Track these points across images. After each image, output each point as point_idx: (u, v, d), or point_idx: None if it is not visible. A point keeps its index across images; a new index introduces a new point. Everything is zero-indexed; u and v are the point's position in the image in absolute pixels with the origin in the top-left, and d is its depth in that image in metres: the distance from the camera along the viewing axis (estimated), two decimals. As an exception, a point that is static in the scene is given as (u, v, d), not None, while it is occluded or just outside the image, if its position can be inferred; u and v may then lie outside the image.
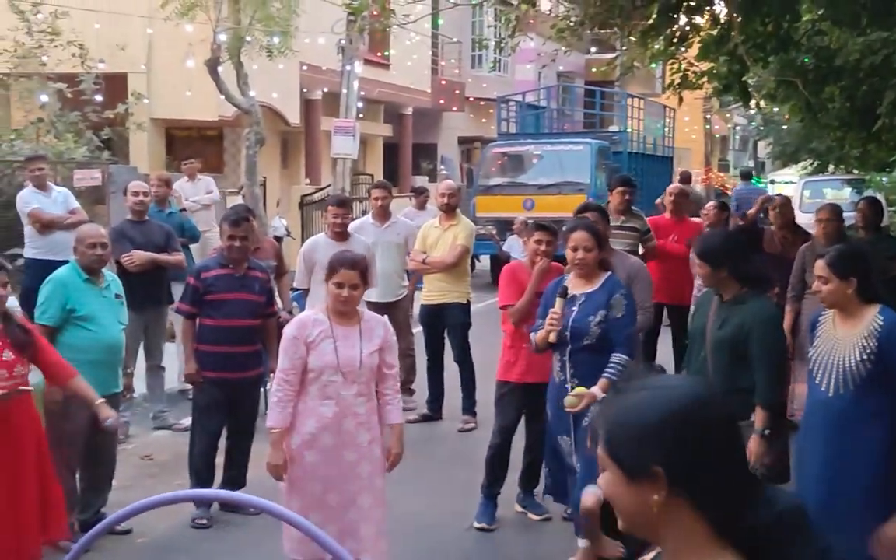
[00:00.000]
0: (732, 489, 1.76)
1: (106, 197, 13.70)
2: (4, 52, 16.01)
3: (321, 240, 8.41)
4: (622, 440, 1.80)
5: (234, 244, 6.59)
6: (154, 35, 17.05)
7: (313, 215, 20.71)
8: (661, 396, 1.81)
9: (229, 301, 6.56)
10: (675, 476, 1.75)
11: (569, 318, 5.39)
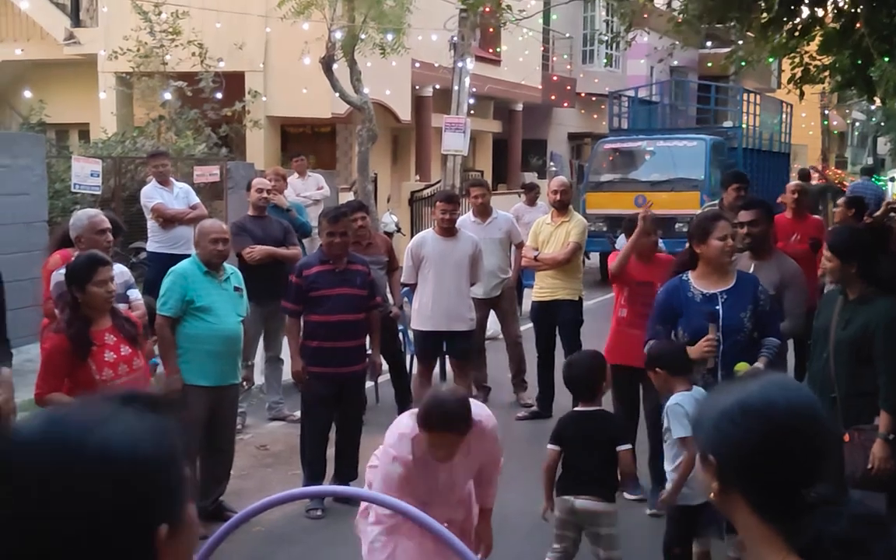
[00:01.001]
0: (790, 495, 1.76)
1: (224, 192, 14.05)
2: (128, 51, 16.54)
3: (429, 236, 8.45)
4: (701, 420, 1.91)
5: (333, 240, 6.67)
6: (271, 34, 17.39)
7: (423, 211, 20.84)
8: (734, 392, 1.86)
9: (331, 296, 6.62)
10: (726, 470, 1.81)
11: (717, 316, 5.26)
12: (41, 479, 1.22)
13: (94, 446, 1.25)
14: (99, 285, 4.94)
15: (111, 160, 13.56)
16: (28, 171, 11.13)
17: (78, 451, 1.24)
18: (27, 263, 10.21)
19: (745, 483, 1.79)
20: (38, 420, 1.31)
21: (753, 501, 1.78)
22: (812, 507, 1.73)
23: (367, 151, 15.54)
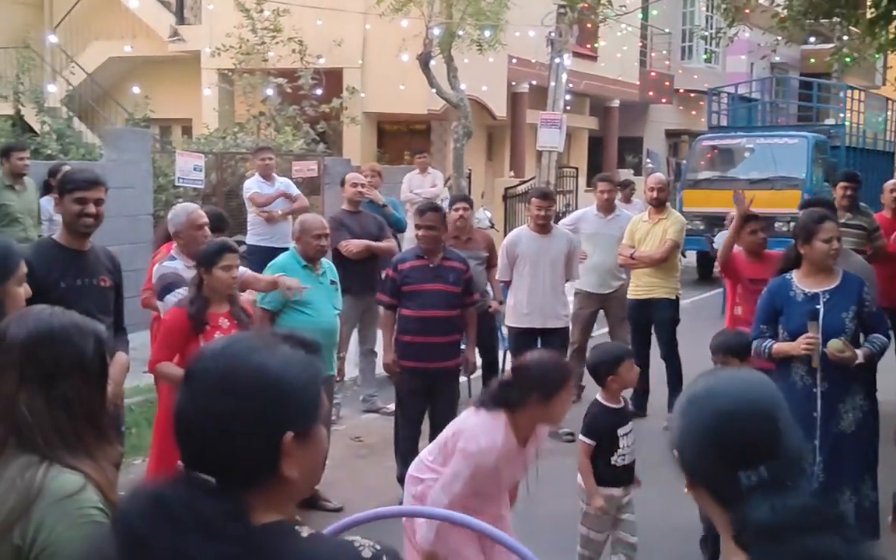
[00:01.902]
0: (729, 481, 1.79)
1: (321, 188, 14.24)
2: (230, 48, 16.90)
3: (524, 232, 8.44)
4: None
5: (419, 233, 6.72)
6: (369, 31, 17.57)
7: (516, 207, 20.82)
8: (692, 386, 1.95)
9: (425, 291, 6.64)
10: (682, 461, 1.90)
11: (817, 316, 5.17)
12: (216, 378, 1.65)
13: (256, 361, 1.66)
14: (224, 270, 5.18)
15: (213, 155, 13.86)
16: (134, 166, 11.47)
17: (243, 362, 1.66)
18: (132, 255, 10.52)
19: (697, 472, 1.88)
20: (222, 340, 1.75)
21: (709, 490, 1.86)
22: (750, 492, 1.78)
23: (462, 148, 15.61)
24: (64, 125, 15.64)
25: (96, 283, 4.75)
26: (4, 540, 2.10)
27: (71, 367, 2.28)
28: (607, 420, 5.15)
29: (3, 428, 2.21)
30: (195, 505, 1.57)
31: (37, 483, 2.13)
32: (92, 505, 2.16)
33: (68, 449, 2.21)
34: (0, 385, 2.25)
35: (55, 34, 17.50)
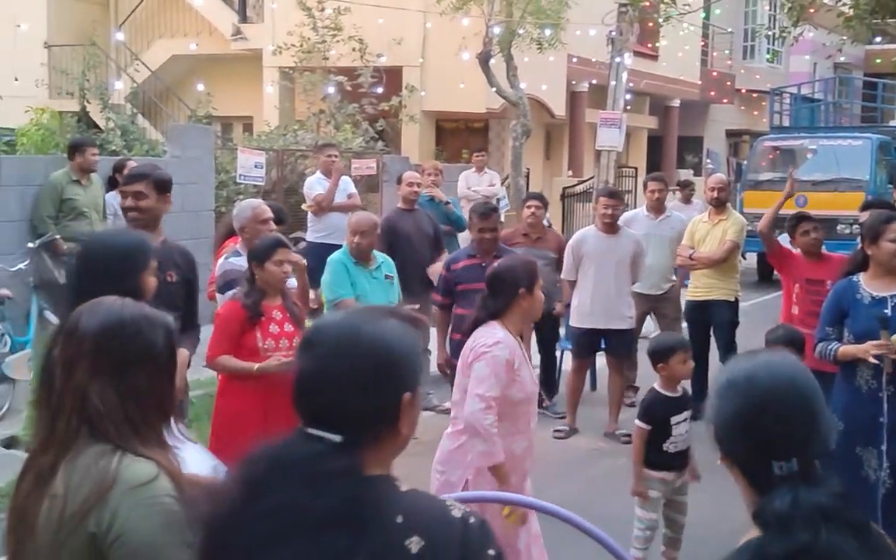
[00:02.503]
0: (762, 467, 1.92)
1: (379, 185, 14.33)
2: (292, 47, 17.06)
3: (590, 232, 8.40)
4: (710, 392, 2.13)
5: (484, 236, 6.72)
6: (429, 29, 17.62)
7: (574, 207, 20.75)
8: (731, 367, 2.07)
9: (476, 291, 6.66)
10: (717, 438, 2.04)
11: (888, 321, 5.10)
12: (342, 344, 1.86)
13: (371, 330, 1.87)
14: (276, 264, 5.24)
15: (273, 152, 14.00)
16: (197, 162, 11.63)
17: (365, 330, 1.87)
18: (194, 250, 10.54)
19: (731, 452, 2.01)
20: (340, 313, 2.00)
21: (742, 470, 2.00)
22: (780, 481, 1.90)
23: (520, 147, 15.59)
24: (128, 121, 15.93)
25: (163, 277, 4.72)
26: (80, 527, 2.15)
27: (141, 357, 2.32)
28: (661, 407, 5.33)
29: (76, 418, 2.26)
30: (315, 460, 1.76)
31: (111, 471, 2.18)
32: (165, 493, 2.21)
33: (140, 438, 2.26)
34: (72, 376, 2.28)
35: (122, 32, 17.79)
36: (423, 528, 1.76)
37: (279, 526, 1.73)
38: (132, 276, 3.66)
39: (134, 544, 2.15)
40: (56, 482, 2.21)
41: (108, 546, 2.15)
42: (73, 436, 2.25)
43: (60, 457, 2.24)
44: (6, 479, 6.74)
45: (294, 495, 1.74)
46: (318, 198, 10.22)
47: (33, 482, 2.27)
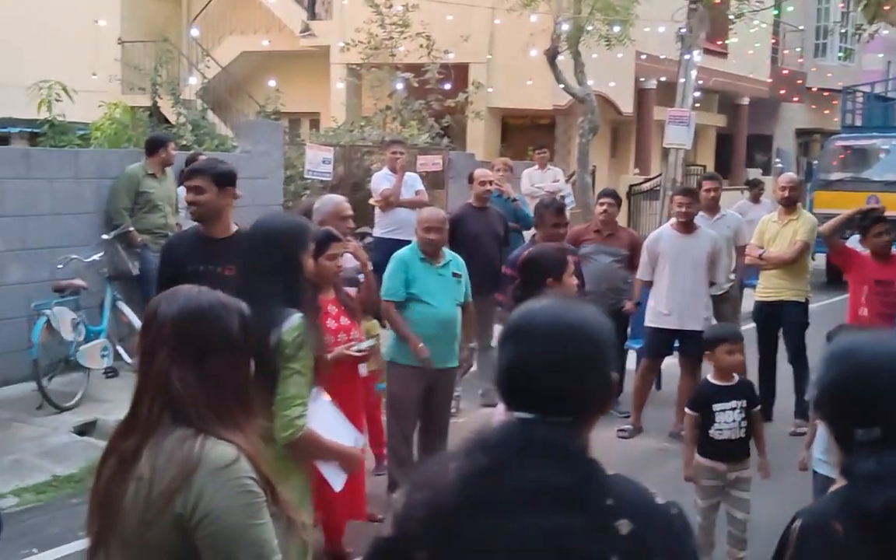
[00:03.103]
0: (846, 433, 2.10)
1: (445, 182, 14.36)
2: (359, 43, 17.17)
3: (665, 231, 8.33)
4: None
5: (557, 231, 6.69)
6: (497, 26, 17.62)
7: (640, 205, 20.59)
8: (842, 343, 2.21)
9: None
10: (816, 404, 2.19)
11: None
12: (555, 330, 1.93)
13: (579, 315, 1.96)
14: (330, 259, 5.25)
15: (340, 148, 14.12)
16: (267, 157, 11.78)
17: (572, 317, 1.95)
18: (262, 243, 10.80)
19: (823, 414, 2.18)
20: (540, 301, 2.03)
21: (830, 428, 2.17)
22: (862, 446, 2.06)
23: (587, 144, 15.52)
24: (198, 117, 16.16)
25: (220, 271, 4.77)
26: (167, 508, 2.23)
27: (219, 343, 2.39)
28: (706, 394, 5.50)
29: (158, 404, 2.33)
30: (550, 438, 1.83)
31: (195, 454, 2.25)
32: (246, 475, 2.28)
33: (220, 422, 2.33)
34: (153, 362, 2.36)
35: (196, 28, 18.06)
36: (631, 512, 1.80)
37: (517, 504, 1.78)
38: (295, 255, 3.91)
39: (219, 524, 2.22)
40: (141, 465, 2.29)
41: (193, 525, 2.22)
42: (155, 421, 2.33)
43: (144, 441, 2.31)
44: (79, 465, 6.93)
45: (526, 471, 1.79)
46: (384, 193, 10.29)
47: (116, 466, 2.35)
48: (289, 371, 3.67)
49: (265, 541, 2.28)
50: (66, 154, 10.09)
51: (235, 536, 2.24)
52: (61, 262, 8.80)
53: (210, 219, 4.92)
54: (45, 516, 5.72)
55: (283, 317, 3.68)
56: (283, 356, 3.64)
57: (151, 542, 2.26)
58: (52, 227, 9.14)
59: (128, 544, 2.30)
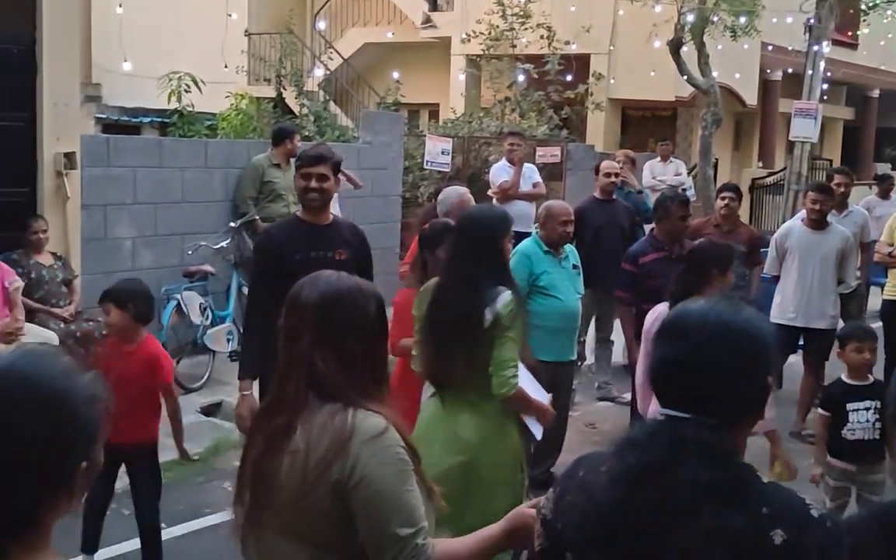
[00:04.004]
0: None
1: (563, 174, 14.30)
2: (480, 35, 17.22)
3: (795, 226, 8.15)
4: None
5: (682, 225, 6.61)
6: (620, 16, 17.45)
7: (764, 199, 20.11)
8: None
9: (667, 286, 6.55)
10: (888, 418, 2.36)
11: None
12: (714, 331, 1.89)
13: (738, 317, 1.93)
14: None
15: (458, 139, 14.20)
16: (387, 148, 11.93)
17: (731, 319, 1.92)
18: (382, 233, 10.99)
19: None
20: (698, 301, 2.00)
21: None
22: None
23: (710, 136, 15.23)
24: (321, 108, 16.47)
25: (332, 256, 4.88)
26: (325, 475, 2.38)
27: (357, 325, 2.53)
28: (837, 393, 5.44)
29: (303, 383, 2.48)
30: (702, 439, 1.80)
31: (348, 424, 2.41)
32: (397, 443, 2.43)
33: (365, 397, 2.47)
34: (296, 344, 2.52)
35: (323, 20, 18.38)
36: (786, 522, 1.77)
37: (674, 505, 1.77)
38: (499, 242, 4.39)
39: (373, 488, 2.37)
40: (294, 440, 2.44)
41: (349, 489, 2.37)
42: (302, 398, 2.48)
43: (294, 417, 2.46)
44: (205, 445, 7.17)
45: (680, 470, 1.78)
46: (503, 185, 10.31)
47: (266, 442, 2.50)
48: (504, 338, 4.20)
49: (414, 506, 2.41)
50: (196, 144, 10.42)
51: (388, 501, 2.38)
52: (190, 249, 9.11)
53: (325, 206, 5.00)
54: (172, 494, 5.93)
55: (495, 295, 4.21)
56: (499, 327, 4.18)
57: (308, 509, 2.41)
58: (182, 214, 9.45)
59: (283, 514, 2.46)
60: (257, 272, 5.11)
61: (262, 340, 4.75)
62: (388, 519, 2.37)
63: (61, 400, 1.54)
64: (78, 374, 1.60)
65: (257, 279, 5.09)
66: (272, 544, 2.49)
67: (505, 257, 4.44)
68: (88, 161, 8.54)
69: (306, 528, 2.44)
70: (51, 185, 8.18)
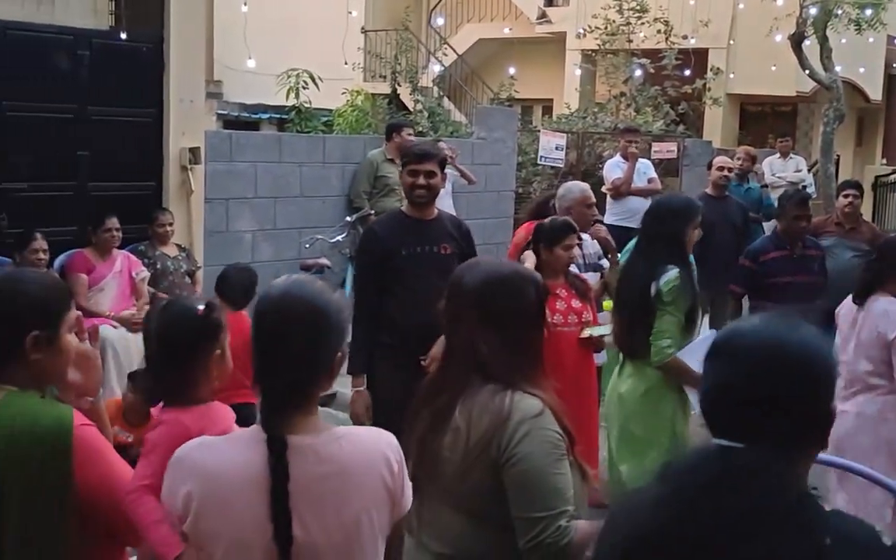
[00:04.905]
0: None
1: (679, 170, 14.10)
2: (596, 29, 17.09)
3: None
4: None
5: (799, 224, 6.47)
6: (741, 10, 17.11)
7: (888, 197, 19.48)
8: None
9: (789, 284, 6.39)
10: None
11: None
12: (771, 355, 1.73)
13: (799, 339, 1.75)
14: (565, 249, 5.35)
15: (572, 135, 14.12)
16: (501, 144, 11.96)
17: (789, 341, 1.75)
18: (494, 229, 11.04)
19: None
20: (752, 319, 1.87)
21: None
22: None
23: (832, 132, 14.80)
24: (435, 104, 16.58)
25: (437, 250, 4.90)
26: (484, 453, 2.51)
27: (517, 309, 2.64)
28: None
29: (466, 364, 2.61)
30: (754, 468, 1.65)
31: (506, 405, 2.52)
32: (551, 427, 2.54)
33: (524, 380, 2.58)
34: (459, 327, 2.65)
35: (441, 16, 18.49)
36: (851, 554, 1.64)
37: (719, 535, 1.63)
38: (682, 226, 4.88)
39: (523, 467, 2.48)
40: (455, 418, 2.58)
41: (502, 467, 2.49)
42: (464, 378, 2.60)
43: (456, 397, 2.59)
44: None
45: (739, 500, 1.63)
46: (616, 182, 10.22)
47: (430, 421, 2.64)
48: (663, 312, 4.65)
49: (561, 488, 2.50)
50: (315, 140, 10.62)
51: (536, 481, 2.48)
52: (308, 242, 9.30)
53: (431, 202, 5.00)
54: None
55: (662, 271, 4.67)
56: (660, 301, 4.64)
57: (468, 484, 2.55)
58: (300, 208, 9.66)
59: (445, 487, 2.60)
60: (362, 267, 5.15)
61: (370, 335, 4.84)
62: (534, 498, 2.48)
63: (322, 310, 2.21)
64: (330, 291, 2.28)
65: (363, 274, 5.14)
66: (434, 513, 2.64)
67: (683, 240, 4.84)
68: (212, 156, 8.80)
69: (466, 501, 2.58)
70: (176, 179, 8.46)
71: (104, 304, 7.25)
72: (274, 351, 2.20)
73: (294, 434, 2.15)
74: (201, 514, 2.14)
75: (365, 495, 2.20)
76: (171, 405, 3.04)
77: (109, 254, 7.43)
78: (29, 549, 2.28)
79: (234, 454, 2.18)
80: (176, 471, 2.20)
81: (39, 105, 7.83)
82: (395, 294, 4.86)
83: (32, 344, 2.36)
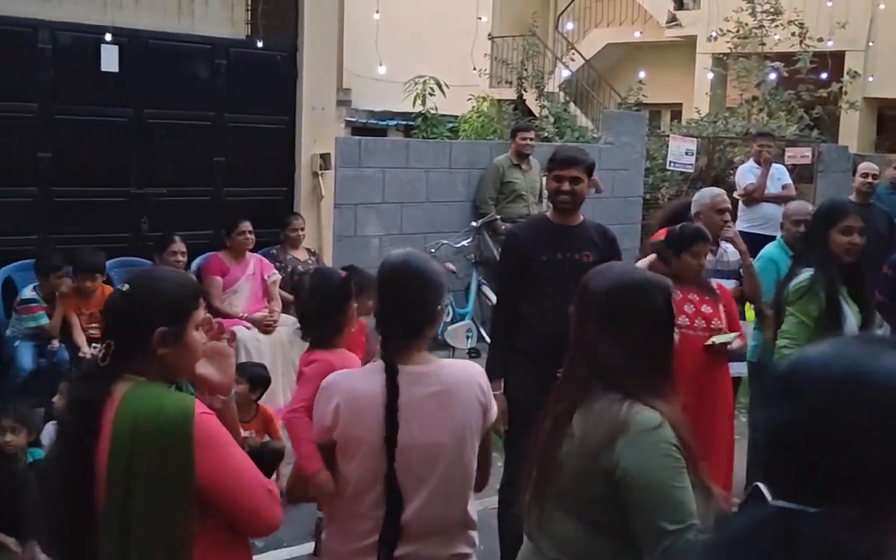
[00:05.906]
0: None
1: (814, 176, 13.69)
2: (728, 33, 16.74)
3: None
4: None
5: None
6: (880, 11, 16.53)
7: None
8: None
9: None
10: None
11: None
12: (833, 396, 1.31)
13: (882, 372, 1.31)
14: (694, 256, 5.24)
15: (703, 140, 13.85)
16: (629, 149, 11.83)
17: (866, 376, 1.30)
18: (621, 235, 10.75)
19: None
20: (820, 348, 1.40)
21: None
22: None
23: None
24: (560, 109, 16.50)
25: (578, 257, 4.84)
26: (594, 464, 2.49)
27: (643, 317, 2.60)
28: None
29: (588, 370, 2.59)
30: (825, 539, 1.25)
31: (622, 417, 2.48)
32: (668, 441, 2.47)
33: (646, 390, 2.52)
34: (584, 331, 2.63)
35: (571, 21, 18.41)
36: None
37: None
38: (822, 229, 4.99)
39: (640, 481, 2.44)
40: (573, 425, 2.57)
41: (616, 481, 2.46)
42: (584, 385, 2.59)
43: (576, 403, 2.58)
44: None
45: None
46: (748, 188, 10.00)
47: (550, 427, 2.65)
48: (787, 313, 4.80)
49: (683, 503, 2.42)
50: (441, 145, 10.71)
51: (654, 495, 2.43)
52: (433, 247, 9.38)
53: (575, 208, 4.95)
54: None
55: (797, 273, 4.87)
56: (788, 302, 4.80)
57: (585, 493, 2.54)
58: (426, 213, 9.75)
59: (563, 495, 2.60)
60: (503, 272, 5.14)
61: (507, 339, 4.84)
62: (654, 513, 2.42)
63: (427, 272, 3.02)
64: (433, 261, 3.13)
65: (503, 278, 5.14)
66: (551, 517, 2.64)
67: (826, 241, 4.94)
68: (341, 162, 8.96)
69: (582, 509, 2.56)
70: (307, 184, 8.65)
71: (238, 306, 7.47)
72: (392, 300, 3.00)
73: (407, 365, 2.94)
74: (346, 422, 2.93)
75: (466, 407, 2.96)
76: (319, 348, 4.17)
77: (243, 257, 7.65)
78: (154, 537, 2.35)
79: (366, 379, 2.97)
80: (327, 392, 2.99)
81: (179, 112, 8.12)
82: (534, 300, 4.85)
83: (159, 339, 2.46)
